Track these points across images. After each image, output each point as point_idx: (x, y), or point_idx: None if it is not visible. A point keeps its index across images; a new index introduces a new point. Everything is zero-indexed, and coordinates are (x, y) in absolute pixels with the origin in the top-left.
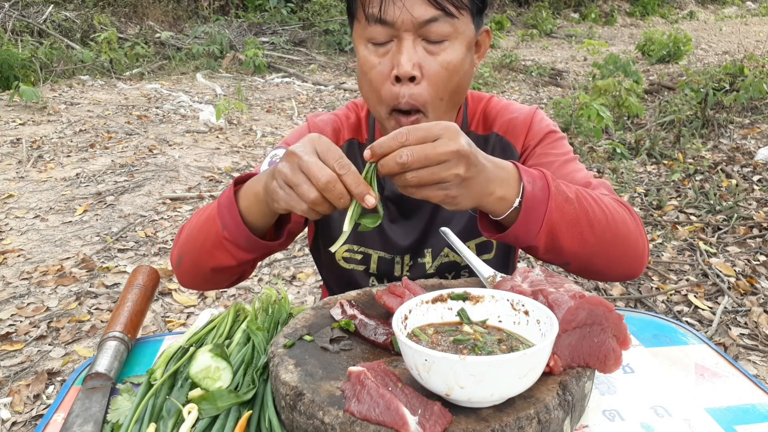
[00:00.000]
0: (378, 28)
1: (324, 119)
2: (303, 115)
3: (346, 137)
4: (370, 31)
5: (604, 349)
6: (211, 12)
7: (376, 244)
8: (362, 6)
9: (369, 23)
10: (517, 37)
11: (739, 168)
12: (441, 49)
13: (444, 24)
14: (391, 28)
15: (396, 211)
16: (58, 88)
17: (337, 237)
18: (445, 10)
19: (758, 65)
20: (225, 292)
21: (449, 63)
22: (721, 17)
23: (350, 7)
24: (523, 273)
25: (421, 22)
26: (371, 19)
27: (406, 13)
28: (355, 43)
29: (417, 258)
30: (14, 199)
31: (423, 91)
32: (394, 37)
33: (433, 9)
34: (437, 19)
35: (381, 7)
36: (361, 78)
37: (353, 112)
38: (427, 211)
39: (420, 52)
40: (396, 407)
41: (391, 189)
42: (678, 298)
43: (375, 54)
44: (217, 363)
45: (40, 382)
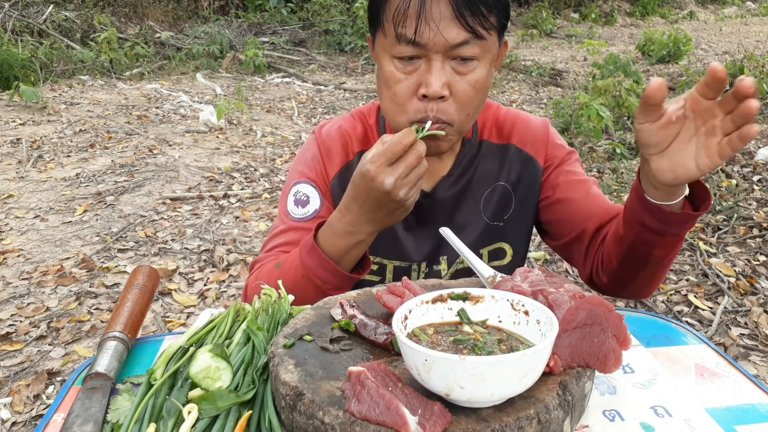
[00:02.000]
0: (409, 47)
1: (332, 134)
2: (303, 115)
3: (355, 150)
4: (399, 48)
5: (604, 349)
6: (211, 12)
7: (391, 254)
8: (394, 24)
9: (399, 42)
10: (517, 37)
11: (739, 168)
12: (469, 69)
13: (474, 46)
14: (421, 48)
15: (412, 220)
16: (58, 88)
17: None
18: (476, 33)
19: (758, 65)
20: (225, 292)
21: (476, 81)
22: (721, 17)
23: (376, 17)
24: (523, 273)
25: (453, 45)
26: (402, 39)
27: (439, 36)
28: (378, 54)
29: (432, 265)
30: (14, 199)
31: (450, 109)
32: (422, 56)
33: (465, 32)
34: (468, 41)
35: (417, 30)
36: (383, 89)
37: (359, 121)
38: (442, 219)
39: (448, 72)
40: (396, 407)
41: None
42: (678, 298)
43: (402, 70)
44: (217, 363)
45: (40, 382)
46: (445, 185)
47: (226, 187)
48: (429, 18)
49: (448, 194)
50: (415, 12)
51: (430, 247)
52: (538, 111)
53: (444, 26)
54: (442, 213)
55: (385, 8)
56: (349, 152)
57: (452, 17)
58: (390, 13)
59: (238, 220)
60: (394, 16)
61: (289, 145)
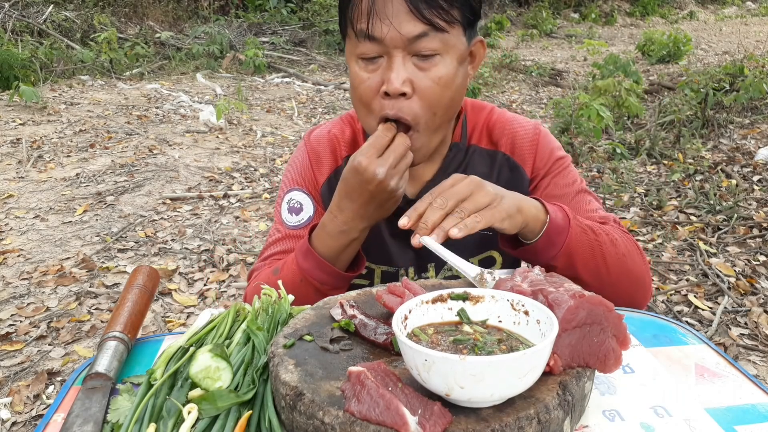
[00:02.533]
0: (367, 44)
1: (320, 140)
2: (303, 115)
3: (343, 154)
4: (361, 47)
5: (604, 348)
6: (211, 12)
7: (378, 259)
8: (351, 22)
9: (358, 39)
10: (517, 37)
11: (739, 168)
12: (432, 65)
13: (433, 39)
14: (380, 44)
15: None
16: (58, 88)
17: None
18: (434, 25)
19: (758, 65)
20: (225, 292)
21: (440, 78)
22: (721, 17)
23: (342, 23)
24: (522, 273)
25: (410, 38)
26: (360, 35)
27: (393, 30)
28: (347, 58)
29: (421, 273)
30: (14, 199)
31: (414, 106)
32: (384, 54)
33: (421, 24)
34: (426, 34)
35: (369, 24)
36: (352, 92)
37: (348, 125)
38: None
39: (410, 68)
40: (396, 407)
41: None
42: (678, 298)
43: (365, 70)
44: (217, 363)
45: (40, 382)
46: (430, 188)
47: (226, 187)
48: (382, 13)
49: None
50: (368, 7)
51: (416, 254)
52: (538, 111)
53: (399, 20)
54: None
55: (348, 10)
56: (337, 157)
57: (407, 11)
58: (350, 13)
59: (238, 220)
60: (352, 14)
61: (289, 145)
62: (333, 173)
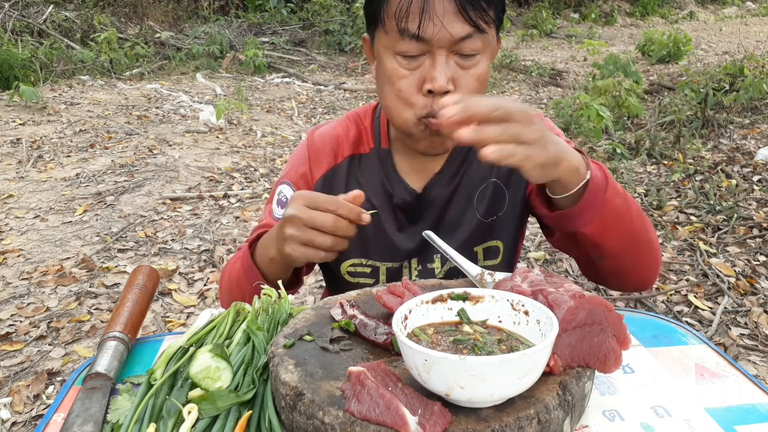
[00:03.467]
0: (412, 43)
1: (324, 137)
2: (303, 115)
3: (346, 154)
4: (402, 44)
5: (604, 349)
6: (211, 12)
7: (384, 256)
8: (396, 20)
9: (402, 37)
10: (517, 37)
11: (739, 168)
12: (472, 63)
13: (476, 40)
14: (426, 44)
15: (405, 219)
16: (58, 88)
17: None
18: (478, 27)
19: (758, 65)
20: None
21: (480, 75)
22: (721, 17)
23: (375, 15)
24: (522, 273)
25: (456, 39)
26: (406, 34)
27: (443, 30)
28: (378, 51)
29: (426, 263)
30: (14, 199)
31: None
32: (426, 52)
33: (468, 26)
34: (471, 35)
35: (420, 25)
36: (386, 86)
37: (354, 124)
38: (434, 215)
39: (453, 66)
40: (396, 407)
41: (400, 196)
42: (678, 299)
43: (405, 66)
44: (217, 363)
45: (40, 382)
46: (437, 184)
47: (226, 187)
48: (433, 13)
49: (440, 193)
50: (419, 8)
51: (422, 245)
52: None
53: (448, 21)
54: (434, 211)
55: (386, 5)
56: (338, 155)
57: (455, 12)
58: (391, 10)
59: (238, 220)
60: (396, 12)
61: (289, 145)
62: (330, 170)
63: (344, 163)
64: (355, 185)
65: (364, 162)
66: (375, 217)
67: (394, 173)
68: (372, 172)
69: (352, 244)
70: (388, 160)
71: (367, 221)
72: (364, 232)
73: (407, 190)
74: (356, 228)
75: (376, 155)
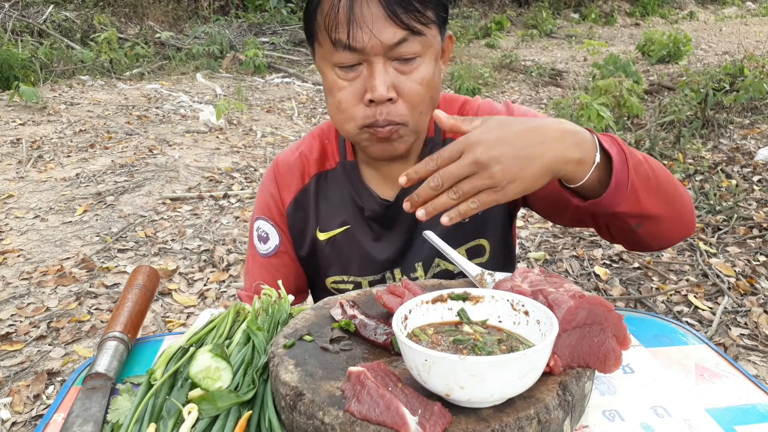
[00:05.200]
0: (346, 53)
1: (288, 162)
2: (303, 115)
3: (311, 173)
4: (338, 56)
5: (604, 349)
6: (211, 12)
7: (363, 270)
8: (327, 32)
9: (336, 48)
10: (517, 37)
11: (739, 168)
12: (413, 68)
13: (413, 43)
14: (360, 53)
15: (379, 228)
16: (58, 88)
17: (324, 268)
18: (412, 30)
19: (758, 65)
20: (225, 292)
21: (423, 79)
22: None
23: (310, 29)
24: (522, 273)
25: (390, 45)
26: (338, 45)
27: (374, 38)
28: (318, 65)
29: (409, 273)
30: (14, 199)
31: (401, 109)
32: (363, 61)
33: (401, 31)
34: (406, 39)
35: (349, 34)
36: (329, 99)
37: (318, 140)
38: (408, 222)
39: (392, 73)
40: (396, 407)
41: (371, 208)
42: (678, 299)
43: (344, 77)
44: (217, 363)
45: (40, 382)
46: (410, 190)
47: (226, 187)
48: (361, 21)
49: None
50: (345, 17)
51: (400, 254)
52: (539, 111)
53: (378, 27)
54: (408, 218)
55: (317, 16)
56: (305, 176)
57: (385, 17)
58: (322, 21)
59: (238, 220)
60: (325, 23)
61: (289, 145)
62: (300, 193)
63: (312, 183)
64: (325, 203)
65: (330, 178)
66: (349, 232)
67: (361, 186)
68: (339, 187)
69: (332, 262)
70: (355, 173)
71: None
72: (340, 249)
73: (377, 201)
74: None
75: (342, 169)
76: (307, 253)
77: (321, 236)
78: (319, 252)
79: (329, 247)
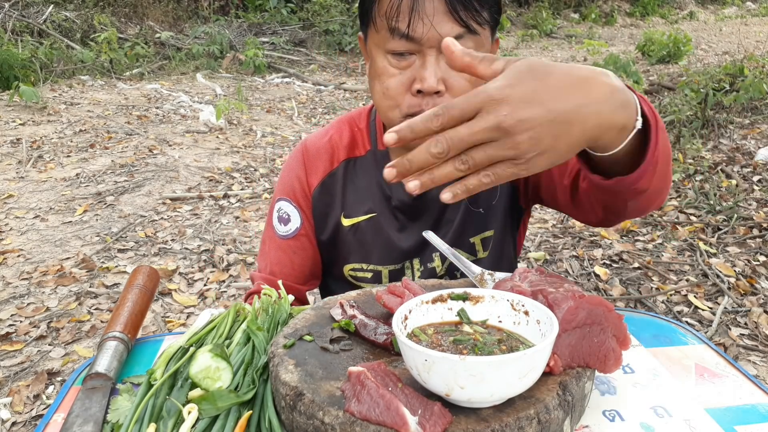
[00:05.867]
0: (402, 42)
1: (318, 144)
2: (303, 115)
3: (341, 158)
4: (393, 43)
5: (604, 349)
6: (211, 12)
7: (385, 259)
8: (387, 19)
9: (393, 36)
10: (517, 37)
11: (739, 168)
12: None
13: (468, 41)
14: (416, 43)
15: (405, 218)
16: (58, 88)
17: (344, 255)
18: (469, 28)
19: (758, 65)
20: (225, 292)
21: (471, 77)
22: (721, 17)
23: (367, 14)
24: (522, 273)
25: None
26: (396, 33)
27: (433, 30)
28: (370, 50)
29: (427, 263)
30: (14, 199)
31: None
32: (417, 52)
33: (459, 27)
34: (462, 36)
35: (409, 24)
36: (376, 84)
37: (348, 127)
38: (434, 214)
39: (443, 66)
40: (396, 407)
41: (399, 198)
42: (678, 299)
43: (395, 65)
44: (217, 363)
45: (40, 382)
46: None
47: (226, 187)
48: (422, 13)
49: (439, 190)
50: (408, 7)
51: (422, 244)
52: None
53: (438, 21)
54: (434, 209)
55: (378, 3)
56: (334, 161)
57: (446, 11)
58: (382, 8)
59: (238, 220)
60: (386, 11)
61: (289, 145)
62: (327, 176)
63: (340, 167)
64: (352, 189)
65: (359, 165)
66: (374, 220)
67: None
68: (368, 174)
69: (353, 249)
70: (385, 162)
71: None
72: (364, 237)
73: (406, 192)
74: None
75: (372, 157)
76: (328, 238)
77: (345, 222)
78: (341, 238)
79: (352, 233)
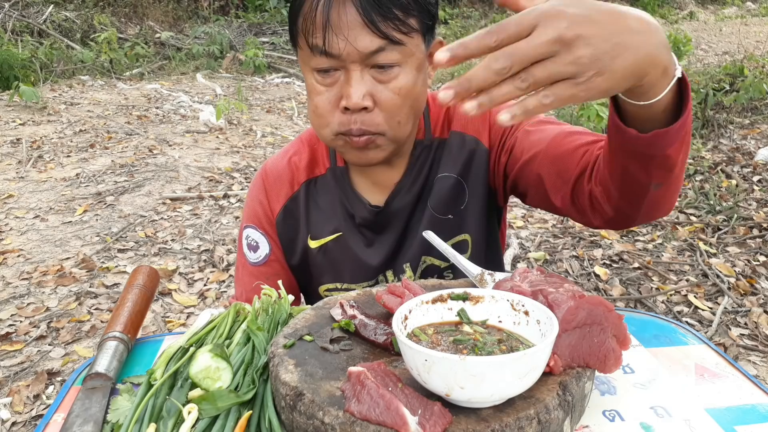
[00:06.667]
0: (323, 58)
1: (277, 168)
2: (303, 115)
3: (301, 180)
4: (315, 60)
5: (604, 349)
6: (211, 12)
7: (356, 277)
8: (305, 36)
9: (313, 53)
10: None
11: (739, 168)
12: (391, 77)
13: (392, 52)
14: (336, 59)
15: (371, 234)
16: (58, 88)
17: (317, 276)
18: (391, 39)
19: (758, 65)
20: (225, 292)
21: (401, 89)
22: (721, 18)
23: (293, 33)
24: (522, 273)
25: (366, 53)
26: (315, 50)
27: (350, 45)
28: (301, 68)
29: (399, 274)
30: (14, 199)
31: (377, 119)
32: (340, 67)
33: (378, 39)
34: (384, 48)
35: (325, 41)
36: (308, 102)
37: (307, 146)
38: (399, 226)
39: (369, 81)
40: (396, 407)
41: (361, 215)
42: (678, 299)
43: (322, 82)
44: (217, 363)
45: (40, 382)
46: (398, 194)
47: (226, 187)
48: (336, 27)
49: (403, 203)
50: (322, 22)
51: (391, 256)
52: None
53: (354, 35)
54: (399, 222)
55: (297, 20)
56: (294, 184)
57: (362, 24)
58: (300, 25)
59: (238, 220)
60: (303, 28)
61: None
62: (289, 200)
63: (301, 190)
64: (316, 211)
65: (320, 184)
66: (341, 239)
67: (351, 191)
68: (330, 193)
69: (324, 270)
70: (345, 179)
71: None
72: (333, 257)
73: (367, 208)
74: None
75: (332, 175)
76: (298, 262)
77: (312, 244)
78: (311, 260)
79: (321, 254)
